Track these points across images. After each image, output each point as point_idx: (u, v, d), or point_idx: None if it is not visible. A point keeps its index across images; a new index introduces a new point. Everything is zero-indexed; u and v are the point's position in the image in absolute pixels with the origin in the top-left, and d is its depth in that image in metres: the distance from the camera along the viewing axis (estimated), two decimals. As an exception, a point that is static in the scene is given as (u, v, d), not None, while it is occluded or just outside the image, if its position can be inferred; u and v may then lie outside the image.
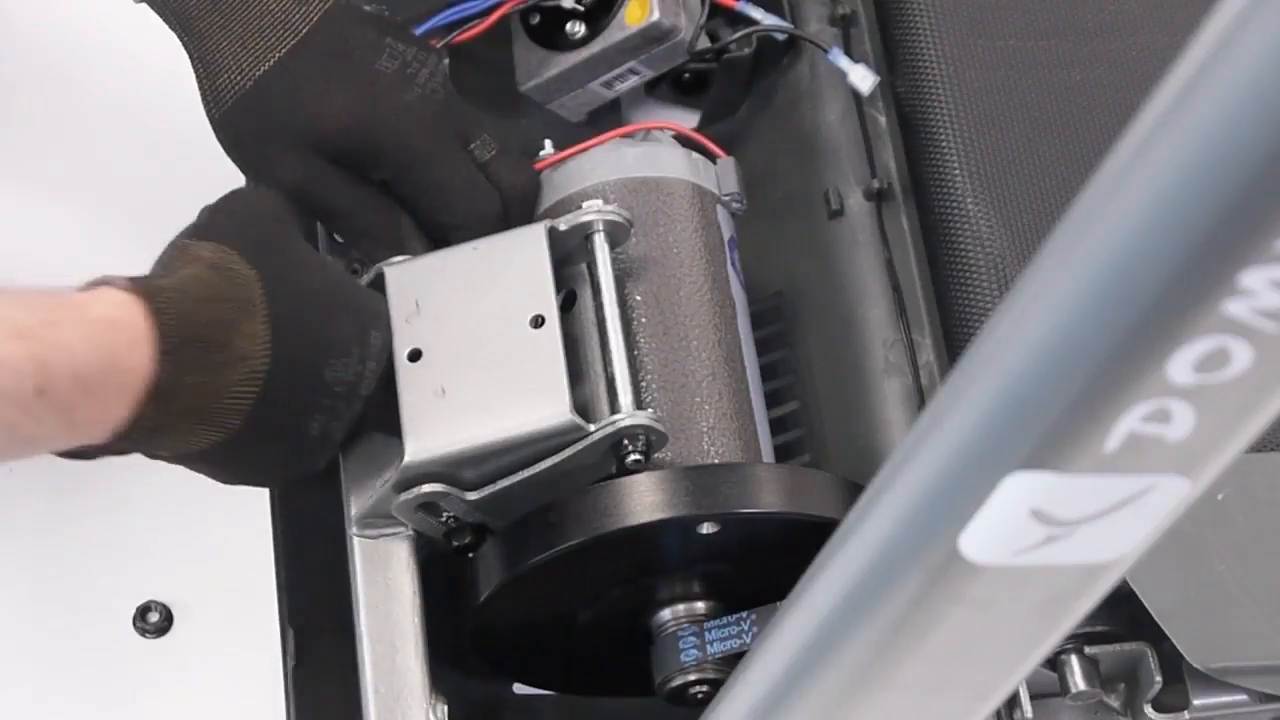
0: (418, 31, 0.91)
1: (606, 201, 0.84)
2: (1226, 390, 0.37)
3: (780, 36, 0.97)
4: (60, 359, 0.67)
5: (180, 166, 0.88)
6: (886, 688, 0.49)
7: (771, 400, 0.89)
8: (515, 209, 0.86)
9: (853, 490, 0.80)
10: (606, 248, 0.82)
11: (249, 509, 0.84)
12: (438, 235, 0.85)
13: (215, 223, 0.76)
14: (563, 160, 0.88)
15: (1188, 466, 0.40)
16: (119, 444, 0.71)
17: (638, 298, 0.84)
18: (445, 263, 0.82)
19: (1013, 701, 0.81)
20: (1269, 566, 0.81)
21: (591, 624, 0.84)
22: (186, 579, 0.83)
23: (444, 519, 0.80)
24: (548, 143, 0.88)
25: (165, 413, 0.70)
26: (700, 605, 0.81)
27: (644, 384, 0.82)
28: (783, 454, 0.89)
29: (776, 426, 0.89)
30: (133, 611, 0.81)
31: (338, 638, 0.82)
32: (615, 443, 0.77)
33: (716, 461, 0.81)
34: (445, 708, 0.80)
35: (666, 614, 0.82)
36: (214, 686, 0.81)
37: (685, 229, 0.86)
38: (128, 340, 0.69)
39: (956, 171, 0.90)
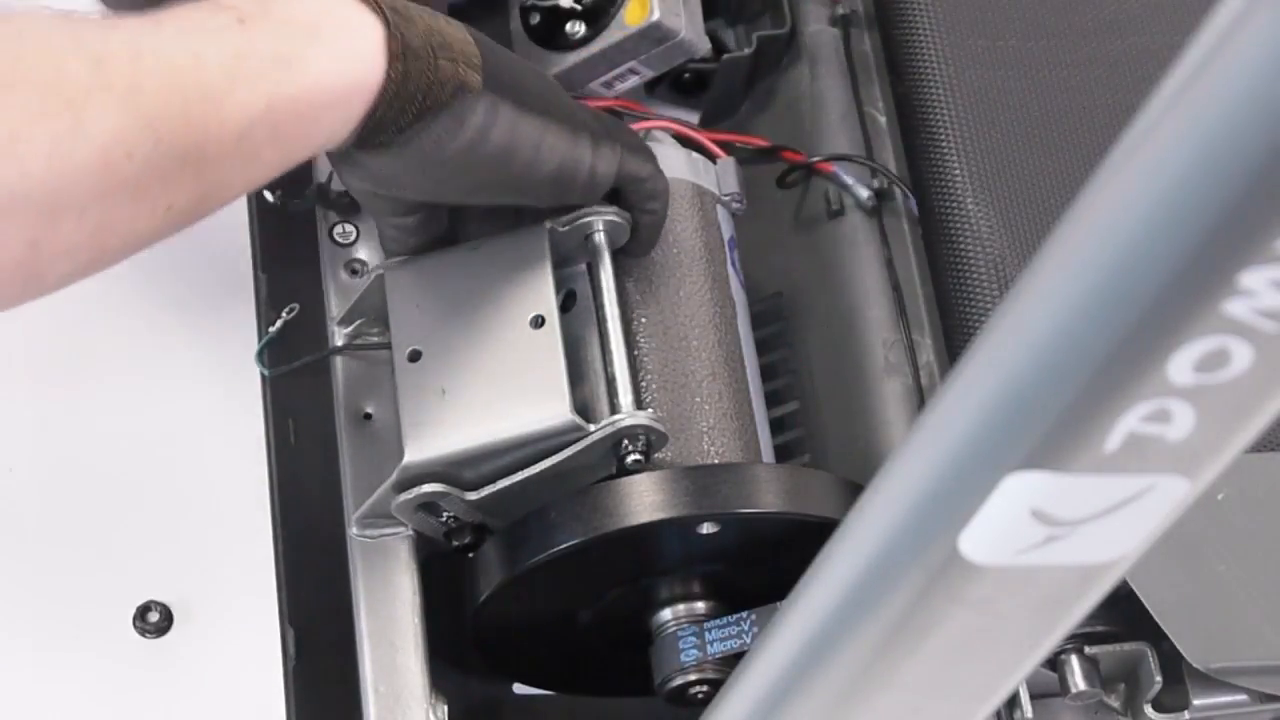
0: None
1: (606, 201, 0.84)
2: (1226, 390, 0.37)
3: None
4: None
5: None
6: (886, 688, 0.49)
7: (771, 400, 0.89)
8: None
9: (853, 490, 0.80)
10: (606, 248, 0.82)
11: (249, 509, 0.84)
12: None
13: None
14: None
15: (1188, 466, 0.40)
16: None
17: (637, 297, 0.84)
18: (445, 263, 0.83)
19: (1013, 701, 0.81)
20: (1269, 566, 0.81)
21: (591, 624, 0.84)
22: (186, 579, 0.82)
23: (444, 519, 0.80)
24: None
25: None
26: (700, 605, 0.81)
27: (644, 384, 0.82)
28: (783, 454, 0.89)
29: (776, 426, 0.89)
30: (133, 611, 0.81)
31: (338, 638, 0.82)
32: (615, 443, 0.77)
33: (716, 461, 0.81)
34: (445, 708, 0.80)
35: (666, 614, 0.82)
36: (214, 686, 0.81)
37: (685, 229, 0.86)
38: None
39: (956, 171, 0.90)
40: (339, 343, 0.86)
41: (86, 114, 0.63)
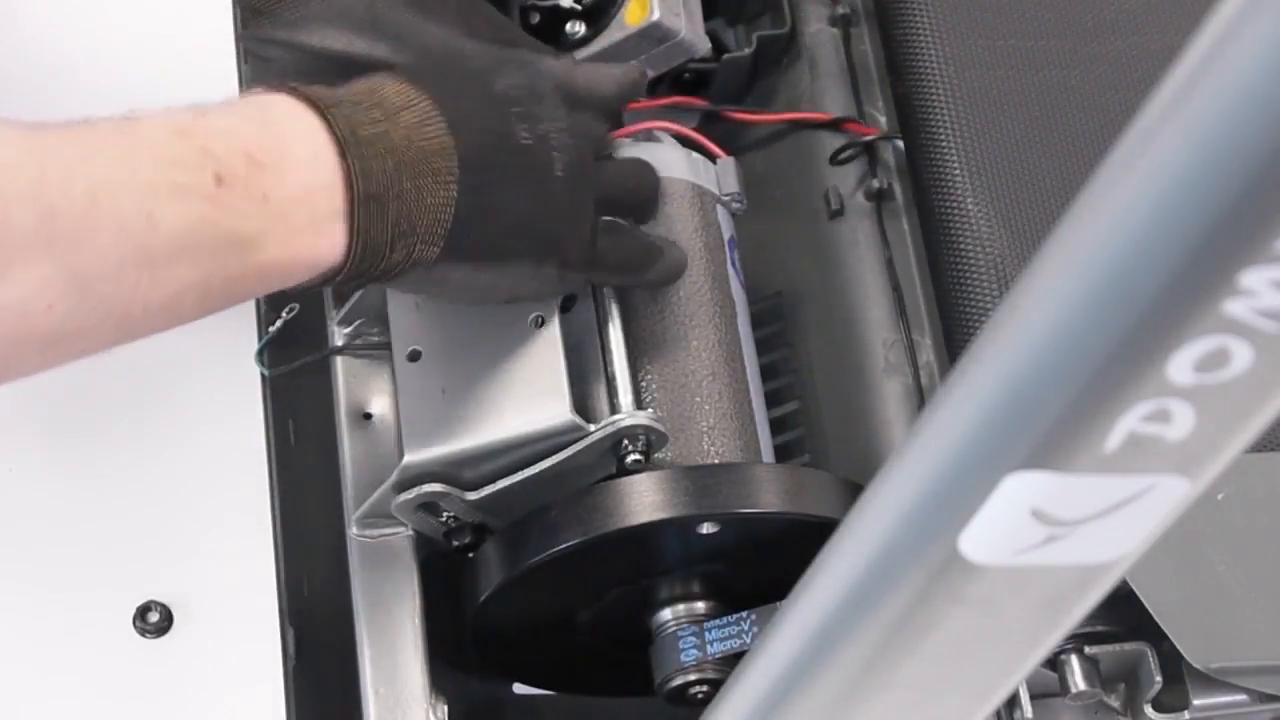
0: None
1: (606, 201, 0.83)
2: (1226, 390, 0.37)
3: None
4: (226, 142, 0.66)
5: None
6: (886, 688, 0.49)
7: (771, 400, 0.89)
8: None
9: (853, 490, 0.80)
10: (606, 248, 0.82)
11: (249, 509, 0.84)
12: None
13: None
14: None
15: (1188, 466, 0.40)
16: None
17: (638, 298, 0.84)
18: (445, 263, 0.82)
19: (1013, 701, 0.81)
20: (1269, 566, 0.81)
21: (591, 624, 0.84)
22: (186, 579, 0.83)
23: (444, 519, 0.80)
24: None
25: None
26: (700, 605, 0.81)
27: (644, 384, 0.82)
28: (783, 454, 0.89)
29: (776, 426, 0.89)
30: (133, 611, 0.81)
31: (338, 638, 0.82)
32: (615, 443, 0.77)
33: (716, 461, 0.81)
34: (445, 708, 0.80)
35: (666, 614, 0.82)
36: (214, 686, 0.81)
37: (685, 229, 0.86)
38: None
39: (956, 171, 0.90)
40: (339, 343, 0.86)
41: (17, 263, 0.60)
